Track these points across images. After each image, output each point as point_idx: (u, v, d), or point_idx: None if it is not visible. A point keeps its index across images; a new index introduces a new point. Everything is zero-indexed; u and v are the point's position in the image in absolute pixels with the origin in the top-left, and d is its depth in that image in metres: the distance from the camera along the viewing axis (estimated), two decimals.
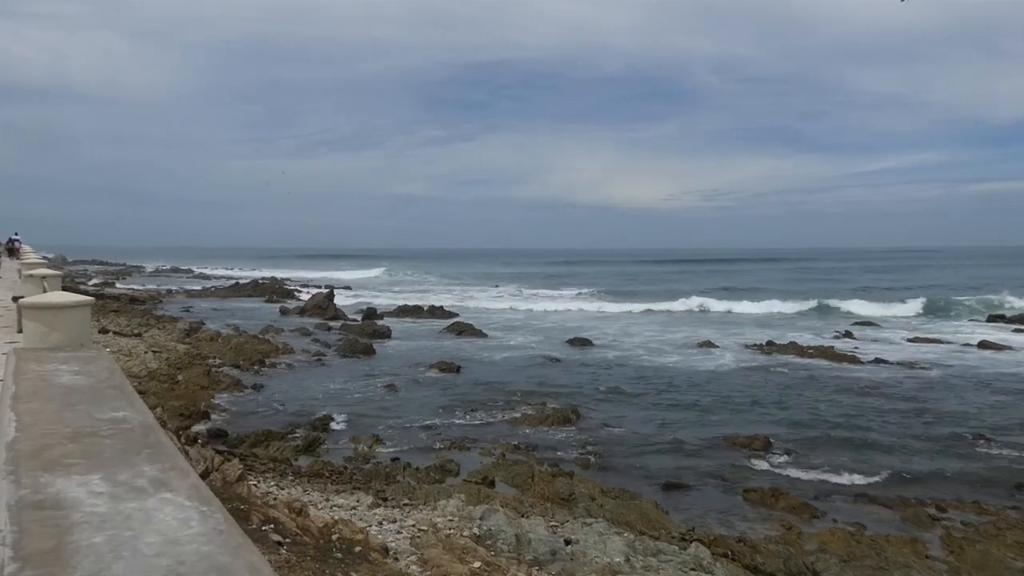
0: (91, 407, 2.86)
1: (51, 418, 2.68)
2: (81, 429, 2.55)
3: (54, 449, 2.30)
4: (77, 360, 3.93)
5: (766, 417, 19.30)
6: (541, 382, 23.81)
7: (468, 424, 18.33)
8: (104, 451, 2.29)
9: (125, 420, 2.68)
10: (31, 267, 14.13)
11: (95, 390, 3.18)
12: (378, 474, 13.77)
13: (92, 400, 2.99)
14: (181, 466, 2.15)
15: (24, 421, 2.61)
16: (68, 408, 2.84)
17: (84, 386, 3.27)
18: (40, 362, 3.88)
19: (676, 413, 19.89)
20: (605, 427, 17.99)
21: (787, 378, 24.71)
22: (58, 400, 2.99)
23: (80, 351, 4.39)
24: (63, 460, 2.18)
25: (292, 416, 18.61)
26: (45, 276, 10.56)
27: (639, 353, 30.75)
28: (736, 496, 13.21)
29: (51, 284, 9.83)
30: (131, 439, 2.43)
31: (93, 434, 2.49)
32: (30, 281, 10.72)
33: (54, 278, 10.69)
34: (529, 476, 13.67)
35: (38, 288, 9.82)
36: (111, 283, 65.94)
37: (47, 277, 10.50)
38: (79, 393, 3.13)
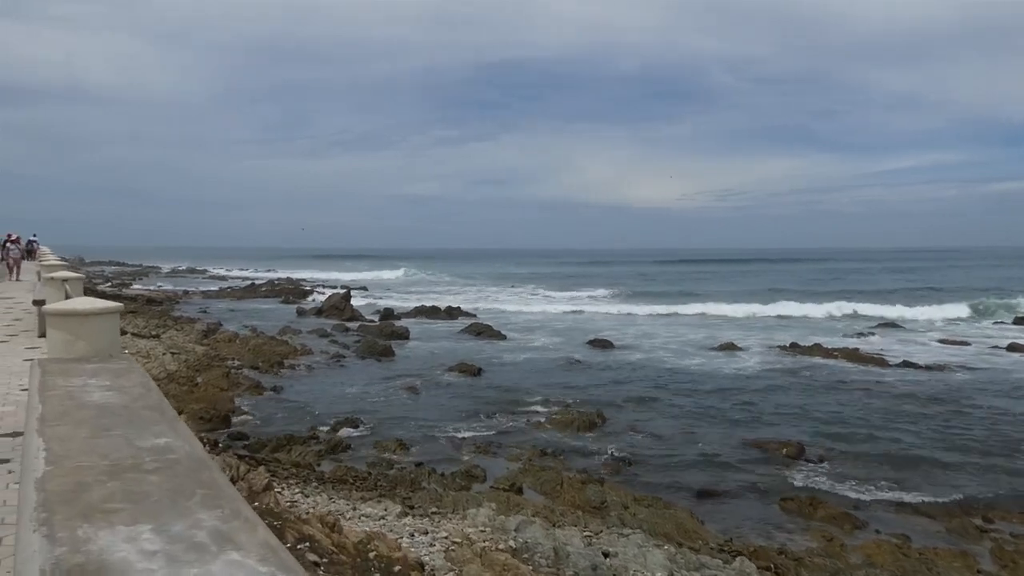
0: (129, 432, 2.53)
1: (84, 447, 2.35)
2: (120, 461, 2.22)
3: (92, 489, 1.97)
4: (107, 373, 3.62)
5: (795, 421, 18.85)
6: (563, 385, 23.44)
7: (492, 428, 17.98)
8: (151, 492, 1.95)
9: (170, 449, 2.35)
10: (51, 269, 13.84)
11: (131, 411, 2.85)
12: (403, 480, 13.44)
13: (129, 423, 2.67)
14: (246, 514, 1.81)
15: (55, 451, 2.29)
16: (103, 433, 2.52)
17: (118, 405, 2.95)
18: (67, 375, 3.57)
19: (703, 417, 19.47)
20: (632, 431, 17.60)
21: (814, 381, 24.21)
22: (90, 423, 2.66)
23: (109, 362, 4.08)
24: (104, 505, 1.85)
25: (313, 419, 18.34)
26: (67, 279, 10.30)
27: (661, 355, 30.31)
28: (772, 505, 12.80)
29: (73, 287, 9.54)
30: (180, 475, 2.10)
31: (135, 468, 2.16)
32: (51, 284, 10.46)
33: (76, 281, 10.42)
34: (558, 483, 13.30)
35: (59, 291, 9.55)
36: (128, 284, 66.10)
37: (68, 280, 10.25)
38: (113, 414, 2.81)
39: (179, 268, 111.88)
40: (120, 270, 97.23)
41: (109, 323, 4.78)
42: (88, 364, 3.92)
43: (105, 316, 4.75)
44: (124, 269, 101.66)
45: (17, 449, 5.20)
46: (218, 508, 1.82)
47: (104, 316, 4.73)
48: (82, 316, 4.61)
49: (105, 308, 4.76)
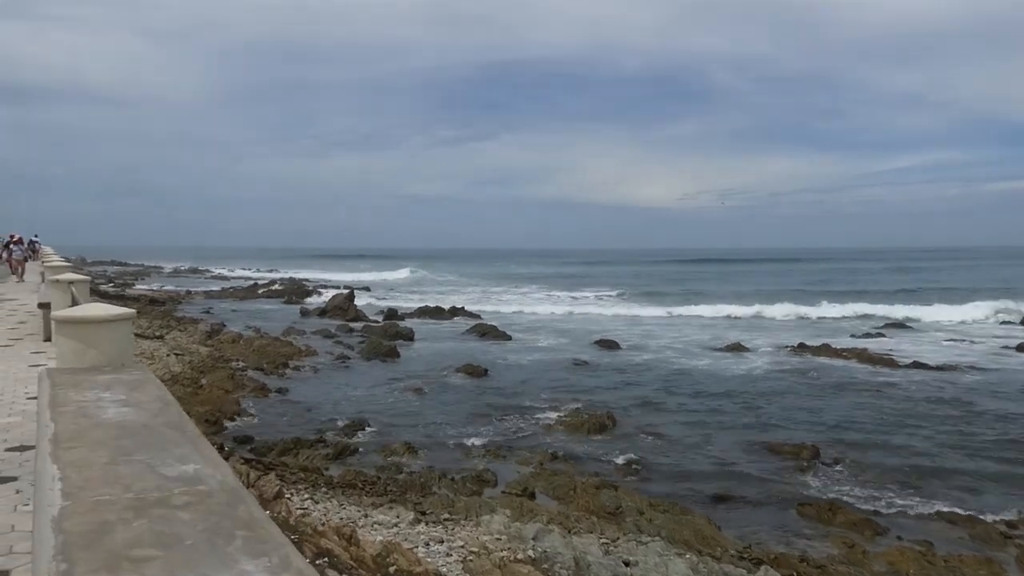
0: (151, 456, 2.29)
1: (104, 475, 2.11)
2: (146, 494, 1.98)
3: (117, 530, 1.73)
4: (121, 385, 3.39)
5: (807, 423, 18.61)
6: (571, 386, 23.21)
7: (500, 431, 17.74)
8: (183, 533, 1.71)
9: (199, 479, 2.11)
10: (56, 271, 13.57)
11: (150, 429, 2.61)
12: (413, 485, 13.21)
13: (150, 445, 2.43)
14: (298, 565, 1.56)
15: (71, 480, 2.05)
16: (123, 458, 2.28)
17: (136, 423, 2.71)
18: (79, 388, 3.35)
19: (713, 418, 19.23)
20: (642, 434, 17.36)
21: (824, 382, 23.96)
22: (109, 445, 2.43)
23: (122, 372, 3.84)
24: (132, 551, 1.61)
25: (319, 422, 18.11)
26: (73, 281, 10.04)
27: (668, 355, 30.08)
28: (789, 510, 12.55)
29: (79, 290, 9.29)
30: (215, 512, 1.85)
31: (163, 503, 1.92)
32: (56, 287, 10.18)
33: (82, 283, 10.16)
34: (571, 488, 13.07)
35: (65, 294, 9.30)
36: (130, 284, 65.92)
37: (75, 283, 9.98)
38: (132, 434, 2.57)
39: (181, 268, 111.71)
40: (122, 270, 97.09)
41: (122, 331, 4.53)
42: (100, 375, 3.68)
43: (118, 323, 4.51)
44: (126, 269, 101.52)
45: (25, 465, 4.96)
46: (264, 556, 1.57)
47: (117, 323, 4.49)
48: (94, 324, 4.36)
49: (118, 315, 4.52)
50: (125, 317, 4.58)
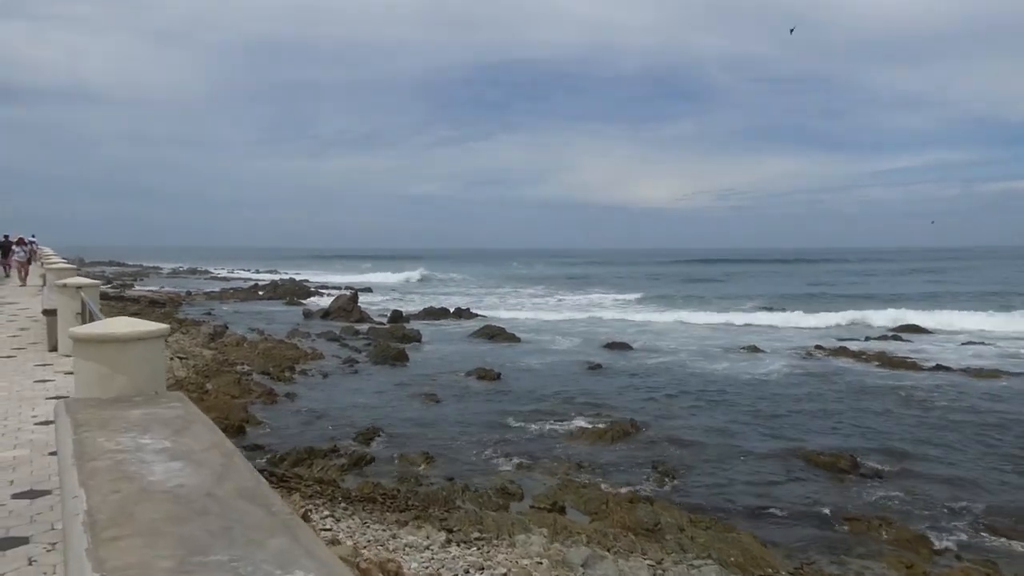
0: (237, 556, 1.57)
1: None
2: None
3: None
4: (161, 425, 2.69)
5: (839, 431, 17.94)
6: (587, 391, 22.53)
7: (519, 438, 17.05)
8: None
9: None
10: (61, 273, 12.79)
11: (221, 503, 1.87)
12: (435, 499, 12.52)
13: (228, 532, 1.69)
14: None
15: None
16: (197, 561, 1.56)
17: (197, 490, 1.97)
18: (109, 429, 2.64)
19: (738, 424, 18.56)
20: (668, 442, 16.67)
21: (848, 386, 23.29)
22: (169, 536, 1.67)
23: (158, 404, 3.13)
24: None
25: (331, 429, 17.42)
26: (81, 287, 9.27)
27: (682, 358, 29.41)
28: (836, 525, 11.87)
29: (89, 295, 8.56)
30: None
31: None
32: (64, 292, 9.38)
33: (92, 288, 9.39)
34: (603, 501, 12.39)
35: (73, 300, 8.58)
36: (129, 285, 65.15)
37: (84, 288, 9.21)
38: (199, 512, 1.83)
39: (180, 269, 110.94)
40: (120, 271, 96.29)
41: (154, 351, 3.79)
42: (133, 409, 2.97)
43: (149, 343, 3.76)
44: (124, 270, 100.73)
45: (39, 520, 4.16)
46: None
47: (148, 343, 3.75)
48: (121, 343, 3.64)
49: (149, 332, 3.78)
50: (157, 334, 3.87)
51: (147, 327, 3.84)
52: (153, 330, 3.84)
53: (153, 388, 3.62)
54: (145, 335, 3.75)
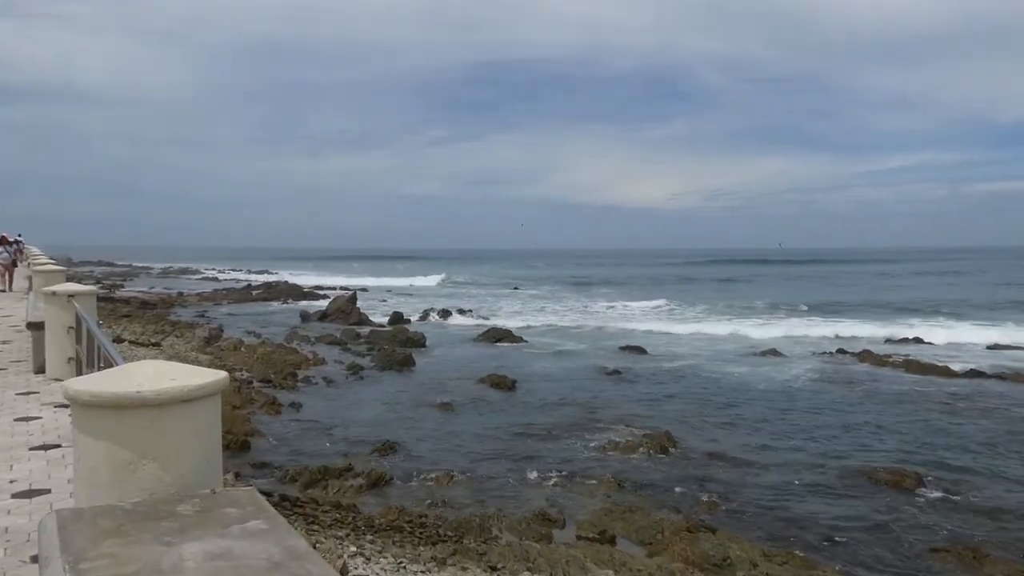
0: None
1: None
2: None
3: None
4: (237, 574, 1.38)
5: (887, 444, 16.70)
6: (609, 399, 21.22)
7: (547, 454, 15.73)
8: None
9: None
10: (49, 278, 11.29)
11: None
12: (469, 527, 11.19)
13: None
14: None
15: None
16: None
17: None
18: None
19: (778, 436, 17.31)
20: (709, 457, 15.37)
21: (880, 393, 22.05)
22: None
23: (222, 520, 1.76)
24: None
25: (343, 443, 16.08)
26: (74, 294, 7.70)
27: (700, 363, 28.14)
28: (920, 555, 10.60)
29: (84, 305, 7.10)
30: None
31: None
32: (53, 301, 7.80)
33: (86, 296, 7.84)
34: (657, 530, 11.08)
35: (64, 311, 7.16)
36: (119, 285, 63.49)
37: (77, 296, 7.66)
38: None
39: (171, 269, 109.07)
40: (110, 271, 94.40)
41: (206, 419, 2.48)
42: (179, 535, 1.64)
43: (201, 405, 2.44)
44: (114, 270, 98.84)
45: None
46: None
47: (199, 405, 2.42)
48: (154, 409, 2.27)
49: (200, 388, 2.45)
50: (211, 389, 2.52)
51: (193, 378, 2.43)
52: (204, 383, 2.41)
53: (207, 483, 2.25)
54: (193, 393, 2.35)
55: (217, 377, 2.59)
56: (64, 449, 6.40)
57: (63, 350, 8.33)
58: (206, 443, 2.45)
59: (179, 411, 2.33)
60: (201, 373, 2.58)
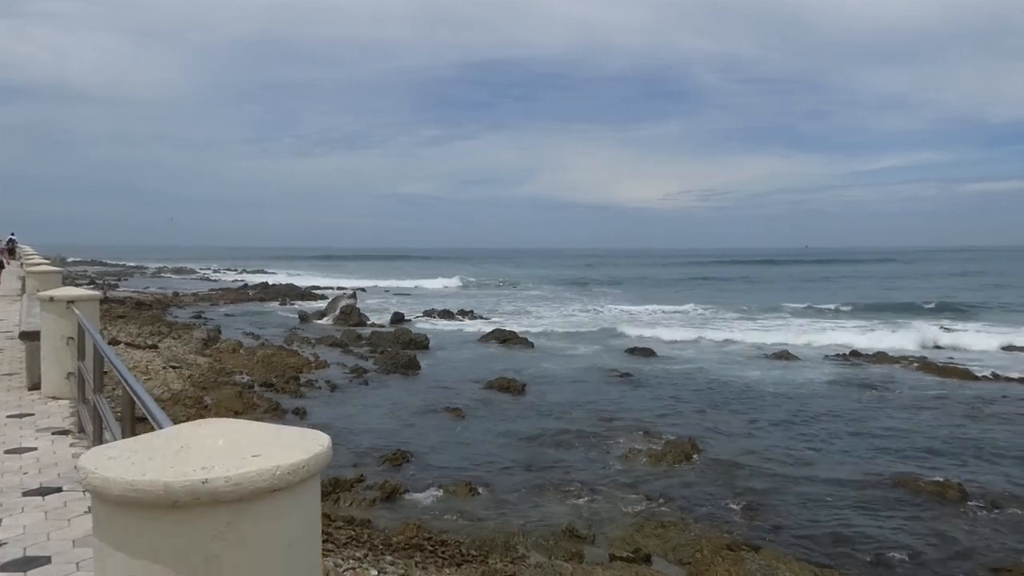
0: None
1: None
2: None
3: None
4: None
5: (919, 450, 16.01)
6: (622, 403, 20.51)
7: (566, 462, 15.01)
8: None
9: None
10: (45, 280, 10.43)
11: None
12: (494, 545, 10.47)
13: None
14: None
15: None
16: None
17: None
18: None
19: (804, 443, 16.61)
20: (738, 467, 14.64)
21: (906, 398, 21.37)
22: None
23: None
24: None
25: (351, 452, 15.30)
26: (73, 300, 6.77)
27: (711, 365, 27.46)
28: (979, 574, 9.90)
29: (86, 311, 6.27)
30: None
31: None
32: (50, 308, 6.85)
33: (88, 302, 6.92)
34: (695, 548, 10.36)
35: (63, 320, 6.35)
36: (114, 285, 62.55)
37: (76, 301, 6.73)
38: None
39: (165, 268, 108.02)
40: (103, 270, 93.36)
41: (305, 513, 1.63)
42: None
43: (299, 492, 1.60)
44: (107, 269, 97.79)
45: None
46: None
47: (297, 493, 1.58)
48: (231, 507, 1.48)
49: (301, 465, 1.58)
50: (315, 466, 1.67)
51: (285, 450, 1.67)
52: (305, 459, 1.62)
53: None
54: (290, 475, 1.55)
55: (319, 447, 1.70)
56: (66, 495, 5.43)
57: (61, 364, 7.59)
58: (305, 556, 1.60)
59: (267, 507, 1.55)
60: (291, 438, 1.72)
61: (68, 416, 7.67)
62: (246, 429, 1.74)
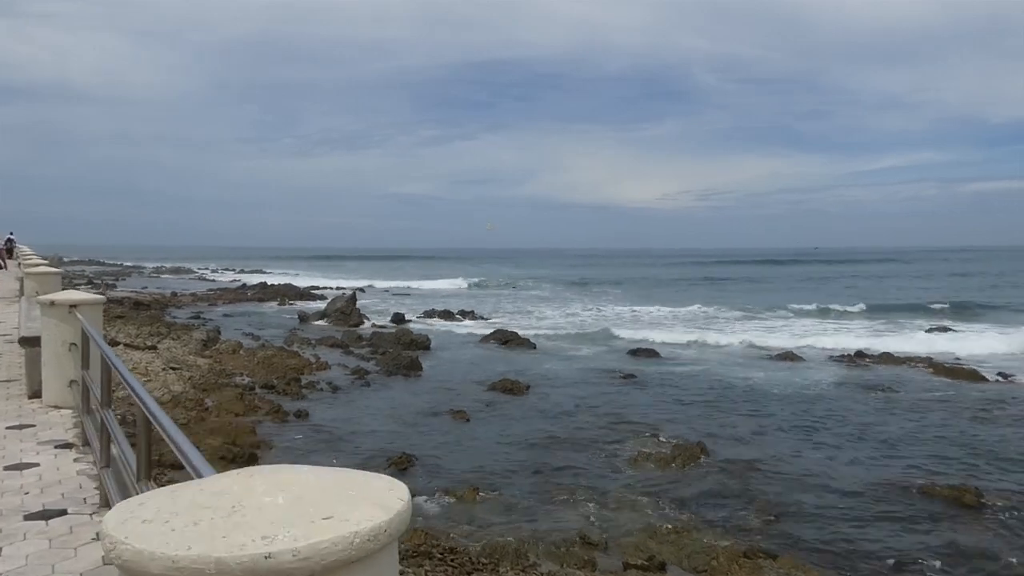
0: None
1: None
2: None
3: None
4: None
5: (930, 454, 15.77)
6: (627, 405, 20.26)
7: (572, 464, 14.76)
8: None
9: None
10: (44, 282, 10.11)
11: None
12: (504, 552, 10.21)
13: None
14: None
15: None
16: None
17: None
18: None
19: (812, 446, 16.38)
20: (749, 471, 14.39)
21: (915, 400, 21.14)
22: None
23: None
24: None
25: (354, 455, 15.06)
26: (76, 304, 6.38)
27: (715, 366, 27.22)
28: None
29: (89, 316, 5.94)
30: None
31: None
32: (51, 313, 6.48)
33: (91, 307, 6.54)
34: (711, 556, 10.12)
35: (65, 325, 6.01)
36: (112, 285, 62.23)
37: (79, 306, 6.35)
38: None
39: (163, 268, 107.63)
40: (101, 270, 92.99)
41: None
42: None
43: (378, 562, 1.27)
44: (105, 269, 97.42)
45: None
46: None
47: (375, 563, 1.26)
48: None
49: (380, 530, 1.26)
50: (395, 528, 1.35)
51: (358, 510, 1.36)
52: (383, 523, 1.32)
53: None
54: (369, 543, 1.26)
55: (400, 501, 1.35)
56: (71, 518, 5.03)
57: (63, 371, 7.24)
58: None
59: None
60: (364, 489, 1.41)
61: (71, 427, 7.31)
62: (307, 479, 1.43)
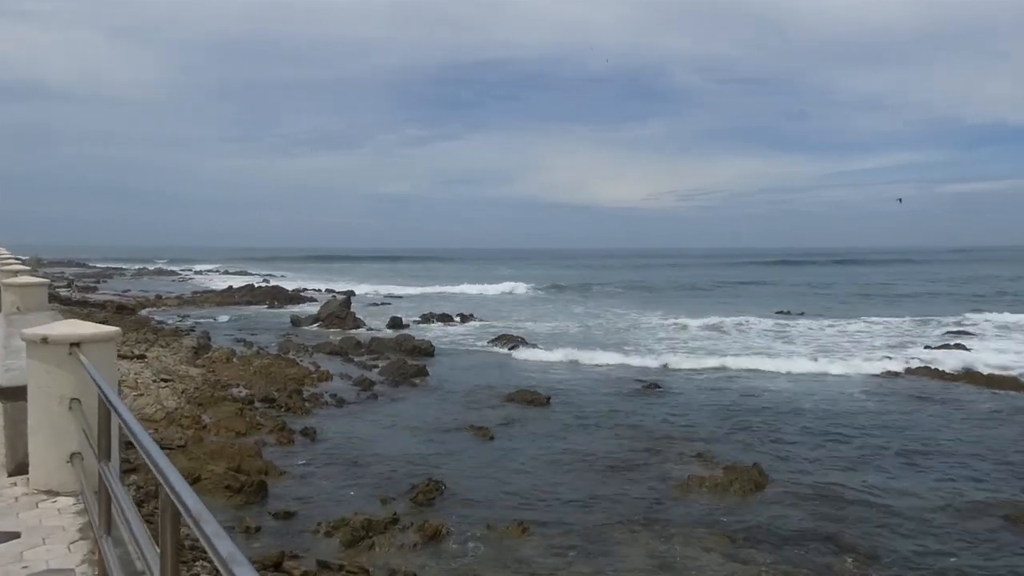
0: None
1: None
2: None
3: None
4: None
5: (1004, 472, 14.42)
6: (657, 419, 18.77)
7: (617, 490, 13.27)
8: None
9: None
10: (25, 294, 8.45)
11: None
12: None
13: None
14: None
15: None
16: None
17: None
18: None
19: (875, 467, 14.92)
20: (819, 498, 12.88)
21: (962, 412, 19.82)
22: None
23: None
24: None
25: (373, 482, 13.47)
26: (80, 341, 4.14)
27: (736, 373, 25.82)
28: None
29: (98, 359, 3.99)
30: None
31: None
32: (41, 354, 4.40)
33: (101, 345, 4.35)
34: None
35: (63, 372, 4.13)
36: (93, 287, 60.13)
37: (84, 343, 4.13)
38: None
39: (147, 269, 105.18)
40: (82, 272, 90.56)
41: None
42: None
43: None
44: (86, 271, 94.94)
45: None
46: None
47: None
48: None
49: None
50: None
51: None
52: None
53: None
54: None
55: None
56: None
57: (60, 439, 5.14)
58: None
59: None
60: None
61: (75, 534, 4.80)
62: None
